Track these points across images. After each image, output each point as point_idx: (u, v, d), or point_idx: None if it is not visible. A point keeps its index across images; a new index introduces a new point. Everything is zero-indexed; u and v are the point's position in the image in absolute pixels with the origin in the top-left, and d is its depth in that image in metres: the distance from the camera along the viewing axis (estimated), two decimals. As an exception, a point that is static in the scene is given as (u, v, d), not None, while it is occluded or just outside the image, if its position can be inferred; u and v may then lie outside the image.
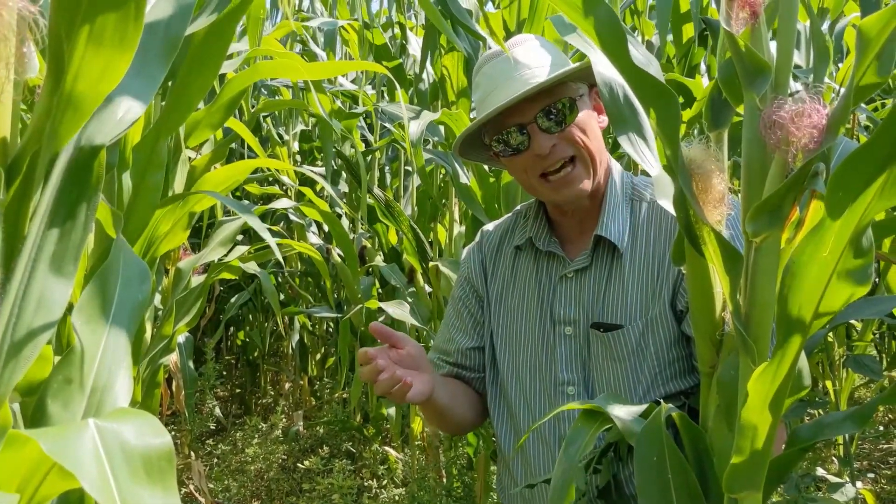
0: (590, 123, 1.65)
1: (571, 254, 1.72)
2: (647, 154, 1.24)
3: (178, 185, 2.14)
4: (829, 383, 2.88)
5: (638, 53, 1.16)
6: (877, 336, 4.22)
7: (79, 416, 0.77)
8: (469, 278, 1.85)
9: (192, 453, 3.22)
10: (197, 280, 2.28)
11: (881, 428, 4.11)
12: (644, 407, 1.28)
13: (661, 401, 1.25)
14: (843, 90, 1.04)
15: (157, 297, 2.56)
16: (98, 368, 0.78)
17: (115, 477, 0.60)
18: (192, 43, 1.32)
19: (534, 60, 1.64)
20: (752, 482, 1.12)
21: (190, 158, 2.29)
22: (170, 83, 1.44)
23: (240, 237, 4.13)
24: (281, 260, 2.36)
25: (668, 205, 1.20)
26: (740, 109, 1.14)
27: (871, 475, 3.40)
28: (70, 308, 0.79)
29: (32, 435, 0.57)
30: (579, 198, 1.66)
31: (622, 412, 1.25)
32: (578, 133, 1.62)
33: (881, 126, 0.93)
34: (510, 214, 1.89)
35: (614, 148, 3.25)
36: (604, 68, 1.22)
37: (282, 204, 3.03)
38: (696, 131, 3.21)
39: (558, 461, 1.17)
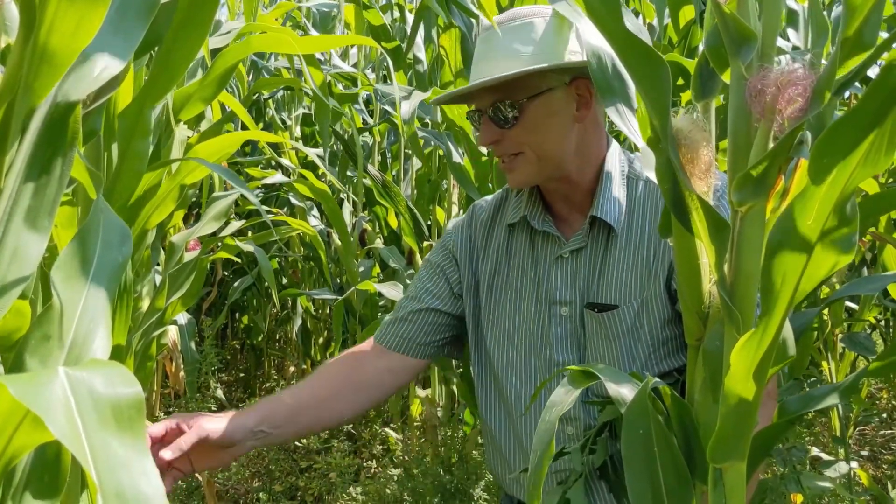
0: (547, 122, 1.61)
1: (566, 233, 1.71)
2: (635, 125, 1.24)
3: (176, 162, 2.14)
4: (825, 364, 2.88)
5: (629, 23, 1.16)
6: (881, 322, 4.21)
7: (57, 372, 0.78)
8: (452, 251, 1.82)
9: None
10: (191, 255, 2.28)
11: (884, 416, 4.11)
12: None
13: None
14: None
15: (157, 276, 2.57)
16: (77, 325, 0.79)
17: (84, 424, 0.60)
18: (178, 8, 1.33)
19: (517, 43, 1.59)
20: (737, 452, 1.11)
21: (188, 137, 2.30)
22: (155, 49, 1.45)
23: (241, 222, 4.15)
24: (291, 239, 2.33)
25: (654, 176, 1.19)
26: (727, 79, 1.13)
27: (868, 458, 3.40)
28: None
29: (1, 380, 0.57)
30: (523, 185, 1.70)
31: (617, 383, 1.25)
32: (523, 134, 1.60)
33: (866, 92, 0.92)
34: (502, 190, 1.86)
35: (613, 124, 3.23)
36: (592, 37, 1.22)
37: (274, 179, 3.02)
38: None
39: (540, 420, 1.17)
